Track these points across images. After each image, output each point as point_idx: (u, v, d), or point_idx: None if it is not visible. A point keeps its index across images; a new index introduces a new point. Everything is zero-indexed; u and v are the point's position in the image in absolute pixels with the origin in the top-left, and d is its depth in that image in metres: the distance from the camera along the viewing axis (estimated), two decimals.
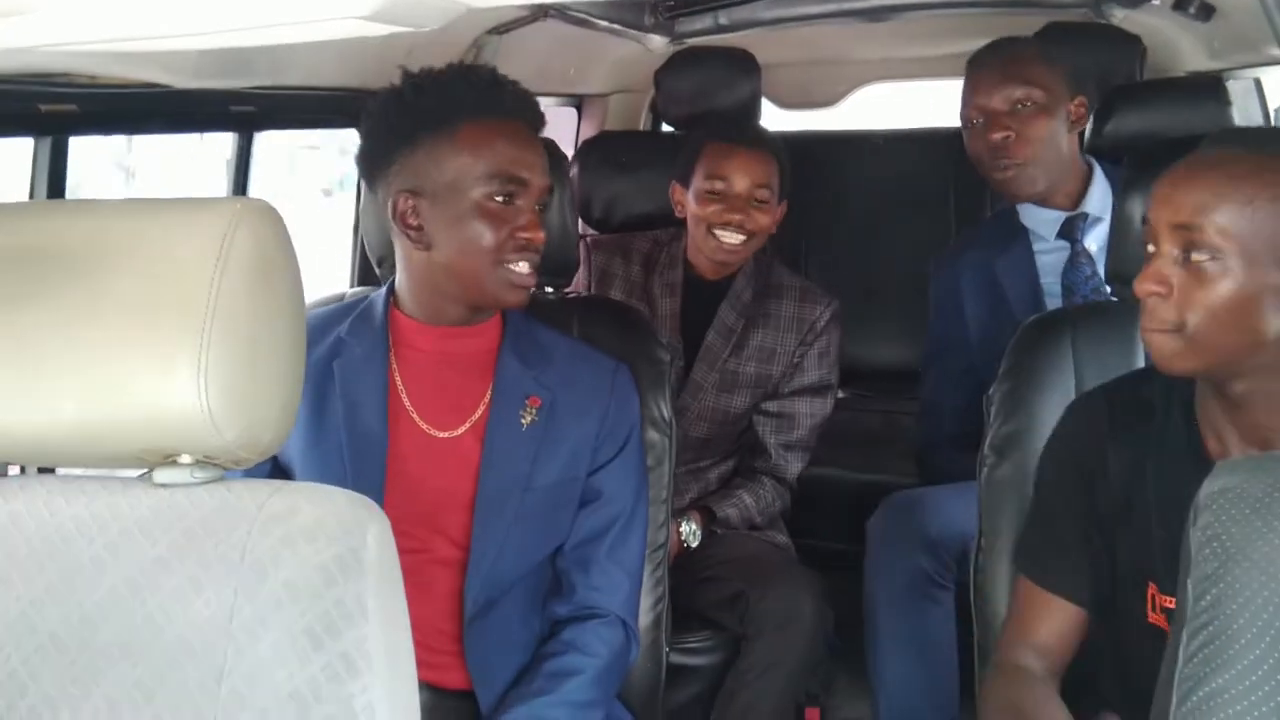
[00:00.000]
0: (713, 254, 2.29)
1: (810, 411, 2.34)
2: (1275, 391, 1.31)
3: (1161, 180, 1.33)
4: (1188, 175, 1.30)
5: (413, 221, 1.53)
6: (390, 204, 1.54)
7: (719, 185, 2.25)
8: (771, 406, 2.34)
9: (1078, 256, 2.19)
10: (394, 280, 1.65)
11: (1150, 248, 1.33)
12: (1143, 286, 1.31)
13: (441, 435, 1.59)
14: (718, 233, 2.25)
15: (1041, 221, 2.22)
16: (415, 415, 1.59)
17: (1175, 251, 1.29)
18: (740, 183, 2.24)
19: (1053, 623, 1.46)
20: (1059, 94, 2.18)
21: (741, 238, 2.25)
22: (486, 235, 1.51)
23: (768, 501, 2.32)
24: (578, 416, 1.60)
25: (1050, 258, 2.23)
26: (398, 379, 1.60)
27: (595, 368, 1.65)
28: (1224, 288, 1.26)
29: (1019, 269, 2.23)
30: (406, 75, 1.57)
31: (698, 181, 2.27)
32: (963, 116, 2.24)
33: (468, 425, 1.59)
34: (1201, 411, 1.39)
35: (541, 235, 1.54)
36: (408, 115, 1.53)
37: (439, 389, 1.60)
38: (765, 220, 2.26)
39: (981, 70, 2.22)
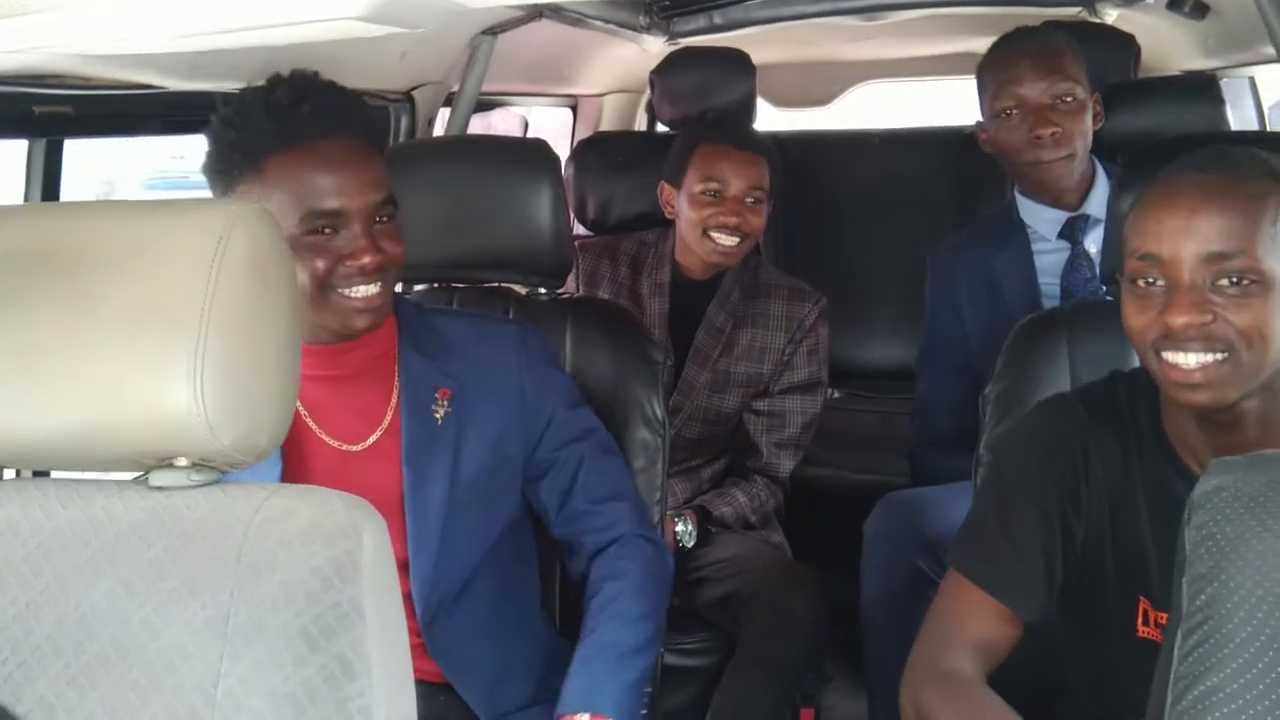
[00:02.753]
0: (708, 256, 2.30)
1: (801, 409, 2.34)
2: (1267, 409, 1.30)
3: (1166, 211, 1.28)
4: (1207, 202, 1.26)
5: None
6: None
7: (714, 187, 2.26)
8: (762, 405, 2.34)
9: (1078, 258, 2.18)
10: None
11: (1156, 281, 1.29)
12: (1183, 319, 1.25)
13: (356, 448, 1.55)
14: (714, 235, 2.26)
15: (1043, 220, 2.21)
16: (323, 435, 1.55)
17: (1203, 280, 1.26)
18: (736, 185, 2.25)
19: (992, 629, 1.39)
20: (1087, 89, 2.16)
21: (737, 239, 2.26)
22: (309, 270, 1.43)
23: (762, 500, 2.32)
24: (491, 399, 1.57)
25: (1050, 258, 2.21)
26: (299, 404, 1.53)
27: (498, 344, 1.60)
28: (1266, 308, 1.25)
29: (1018, 268, 2.22)
30: (219, 108, 1.47)
31: (692, 184, 2.28)
32: (993, 107, 2.19)
33: (380, 431, 1.55)
34: (1171, 426, 1.38)
35: (371, 259, 1.44)
36: (221, 155, 1.45)
37: (343, 403, 1.55)
38: (759, 222, 2.28)
39: (1019, 59, 2.16)
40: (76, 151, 1.79)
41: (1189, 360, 1.27)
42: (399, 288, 1.98)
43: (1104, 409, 1.41)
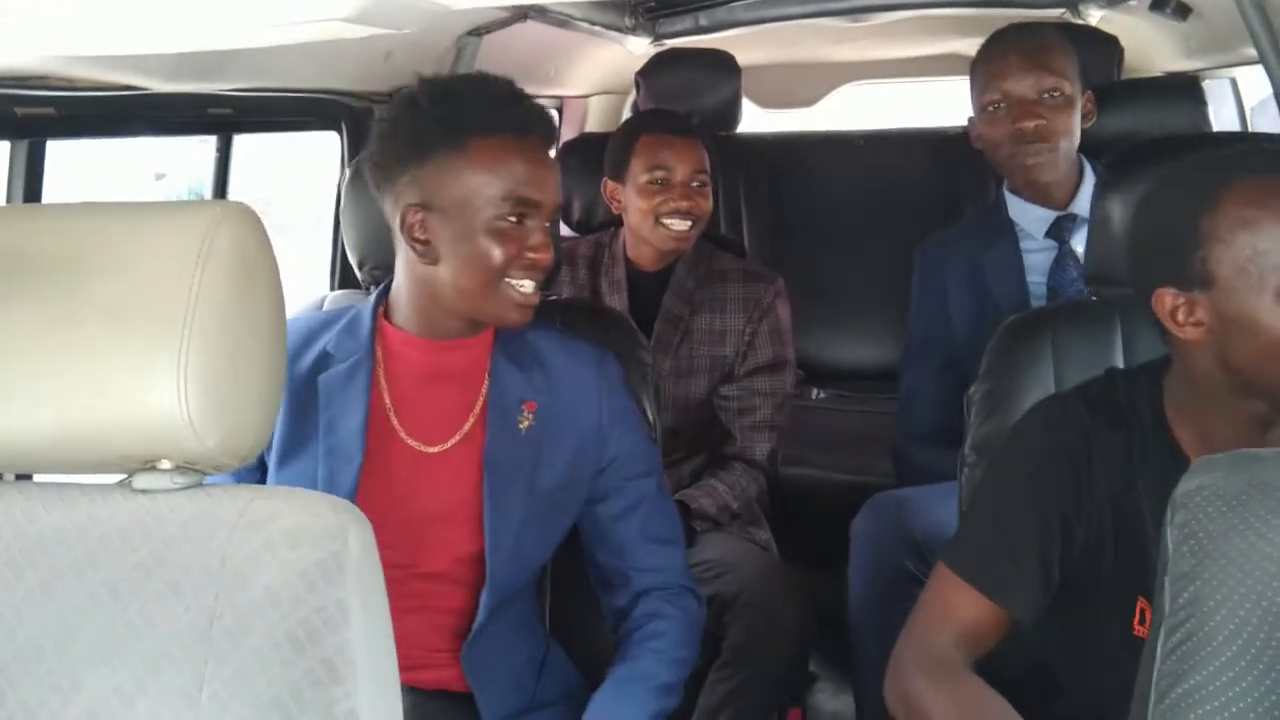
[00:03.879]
0: (663, 244, 2.32)
1: (770, 390, 2.35)
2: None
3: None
4: None
5: (420, 235, 1.50)
6: (399, 216, 1.51)
7: (660, 175, 2.29)
8: (731, 390, 2.35)
9: (1065, 258, 2.18)
10: (383, 290, 1.62)
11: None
12: None
13: (431, 450, 1.57)
14: (666, 221, 2.29)
15: (1031, 219, 2.21)
16: (403, 433, 1.56)
17: None
18: (681, 170, 2.29)
19: (981, 625, 1.40)
20: (1078, 87, 2.17)
21: (689, 223, 2.29)
22: (495, 254, 1.48)
23: (743, 486, 2.31)
24: (572, 417, 1.59)
25: (1037, 257, 2.22)
26: (385, 396, 1.57)
27: (580, 363, 1.63)
28: None
29: (1006, 266, 2.22)
30: (422, 82, 1.53)
31: (637, 175, 2.31)
32: (981, 101, 2.20)
33: (458, 437, 1.57)
34: (1177, 419, 1.37)
35: (549, 256, 1.51)
36: (420, 126, 1.49)
37: (428, 402, 1.57)
38: (707, 204, 2.32)
39: (1006, 54, 2.17)
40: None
41: None
42: None
43: (1105, 407, 1.40)
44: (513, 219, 1.49)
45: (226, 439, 0.92)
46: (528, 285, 1.51)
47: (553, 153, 1.65)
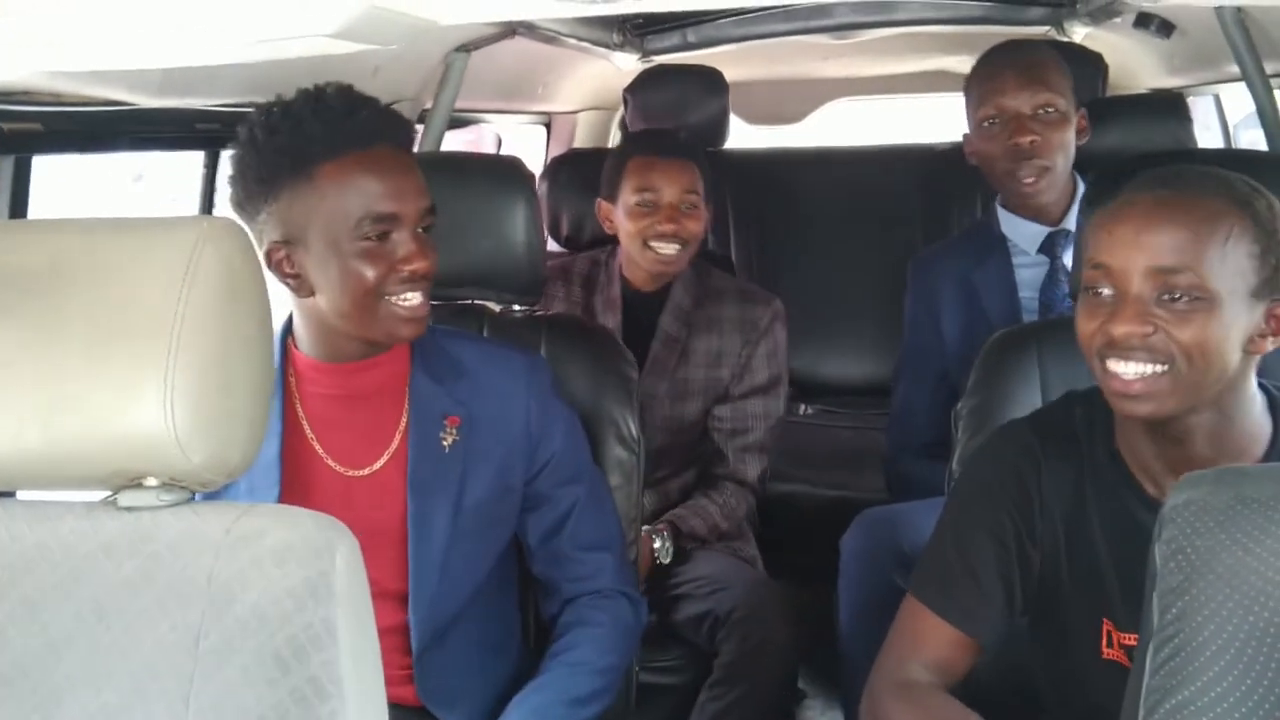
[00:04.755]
0: (651, 266, 2.31)
1: (764, 412, 2.35)
2: (1216, 425, 1.31)
3: (1118, 222, 1.30)
4: (1158, 216, 1.27)
5: (289, 270, 1.46)
6: (264, 254, 1.46)
7: (648, 197, 2.28)
8: (724, 411, 2.35)
9: (1057, 273, 2.18)
10: (288, 319, 1.58)
11: (1105, 291, 1.30)
12: (1124, 329, 1.27)
13: (359, 473, 1.53)
14: (654, 245, 2.28)
15: (1023, 235, 2.22)
16: (327, 458, 1.53)
17: (1149, 293, 1.27)
18: (669, 192, 2.27)
19: (949, 651, 1.41)
20: (1072, 103, 2.17)
21: (677, 247, 2.28)
22: (367, 275, 1.43)
23: (732, 506, 2.31)
24: (499, 427, 1.56)
25: (1029, 272, 2.22)
26: (304, 424, 1.54)
27: (507, 371, 1.59)
28: (1210, 326, 1.25)
29: (998, 281, 2.22)
30: (258, 113, 1.47)
31: (626, 197, 2.30)
32: (976, 116, 2.20)
33: (385, 457, 1.54)
34: (1125, 444, 1.38)
35: (426, 263, 1.45)
36: (265, 162, 1.44)
37: (349, 426, 1.54)
38: (696, 227, 2.30)
39: (1002, 70, 2.17)
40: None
41: (1129, 370, 1.28)
42: None
43: (1056, 433, 1.42)
44: (374, 237, 1.44)
45: (213, 456, 0.92)
46: (412, 297, 1.47)
47: (421, 146, 1.58)
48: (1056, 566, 1.41)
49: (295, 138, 1.43)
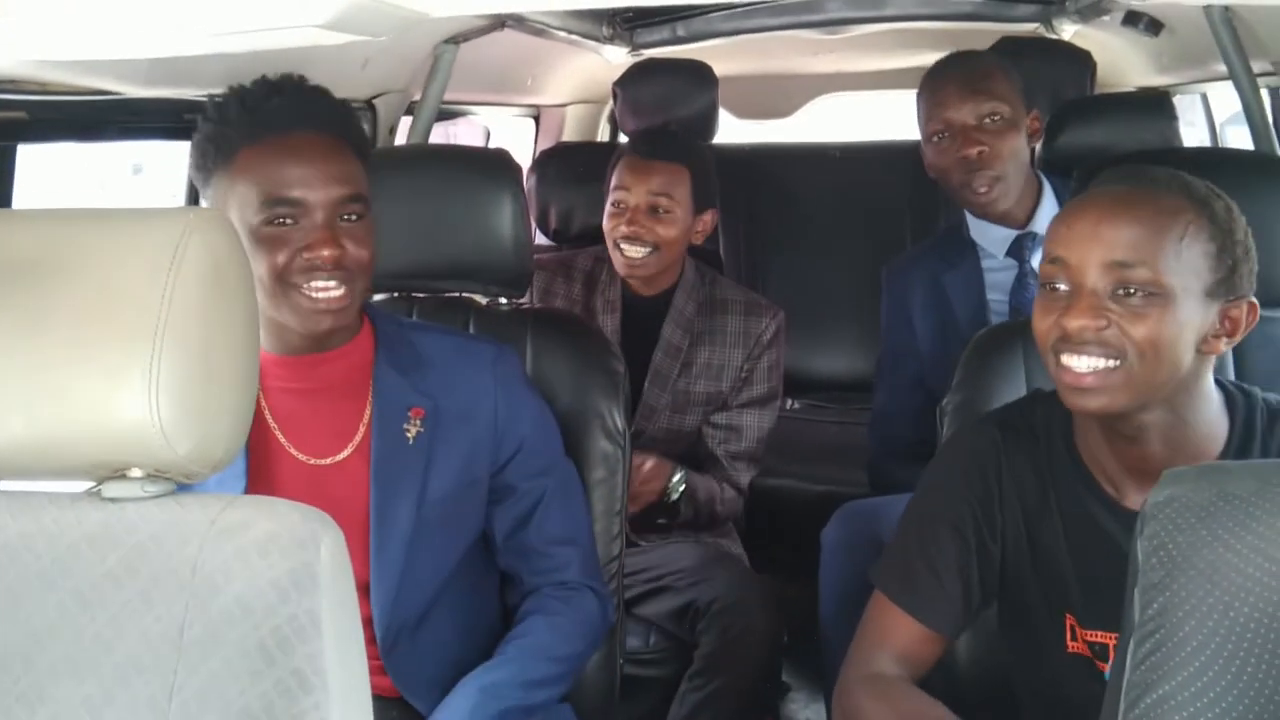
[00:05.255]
0: (620, 269, 2.29)
1: (758, 424, 2.35)
2: (1170, 424, 1.32)
3: (1076, 217, 1.30)
4: (1115, 212, 1.28)
5: None
6: None
7: (619, 198, 2.26)
8: (721, 419, 2.35)
9: (1025, 276, 2.20)
10: None
11: (1061, 286, 1.30)
12: (1078, 322, 1.27)
13: (323, 463, 1.52)
14: (622, 246, 2.25)
15: (991, 239, 2.23)
16: (291, 448, 1.52)
17: (1105, 287, 1.28)
18: (636, 194, 2.24)
19: (914, 644, 1.43)
20: (1020, 108, 2.18)
21: (644, 250, 2.24)
22: (264, 263, 1.42)
23: (728, 498, 2.32)
24: (465, 419, 1.55)
25: (999, 275, 2.24)
26: (267, 415, 1.53)
27: (474, 362, 1.58)
28: (1163, 322, 1.26)
29: (967, 285, 2.24)
30: (206, 105, 1.48)
31: (610, 196, 2.29)
32: (926, 131, 2.22)
33: (351, 448, 1.53)
34: (1084, 444, 1.39)
35: (331, 251, 1.42)
36: (200, 151, 1.47)
37: (313, 416, 1.53)
38: (668, 232, 2.24)
39: (945, 84, 2.19)
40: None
41: (1081, 364, 1.28)
42: None
43: (1018, 429, 1.43)
44: (276, 223, 1.42)
45: (198, 447, 0.91)
46: (320, 287, 1.44)
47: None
48: (1019, 560, 1.42)
49: (221, 125, 1.45)
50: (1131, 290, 1.26)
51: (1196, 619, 0.89)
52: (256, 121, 1.44)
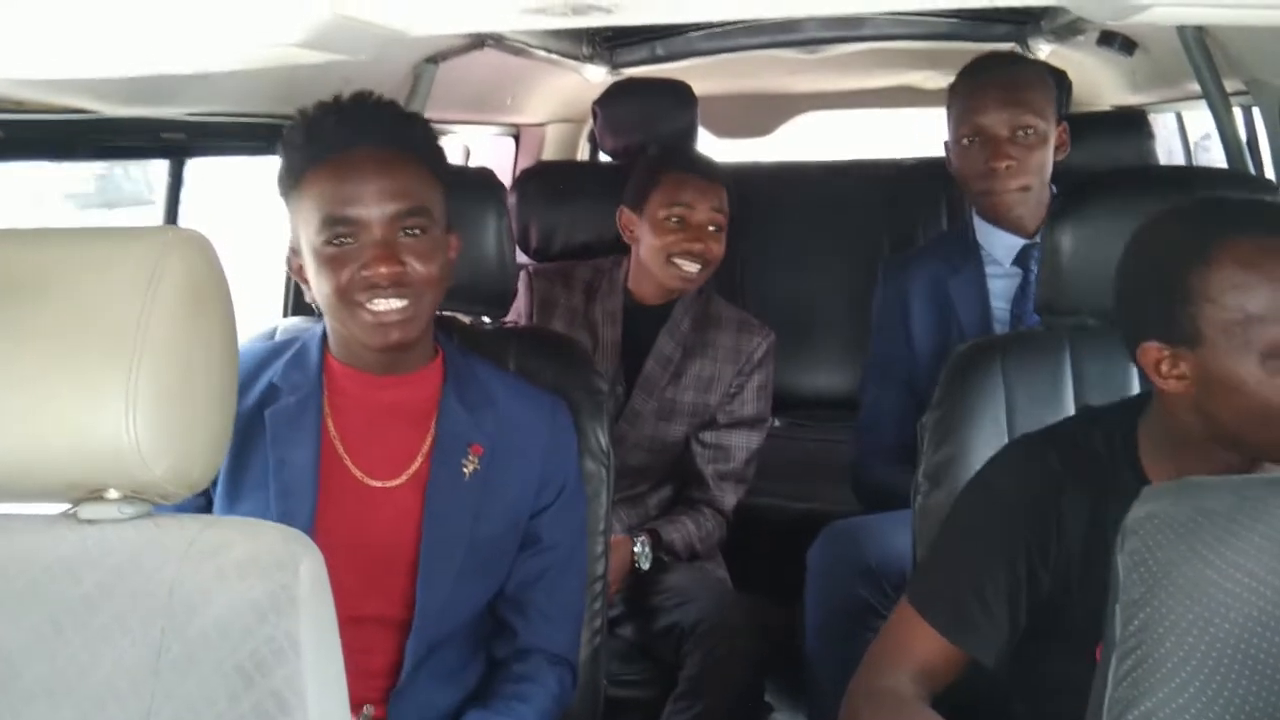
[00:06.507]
0: (670, 281, 2.31)
1: (746, 445, 2.36)
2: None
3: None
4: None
5: (302, 277, 1.50)
6: (287, 263, 1.53)
7: (679, 213, 2.27)
8: (709, 437, 2.35)
9: (1029, 286, 2.17)
10: (324, 327, 1.59)
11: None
12: None
13: (379, 485, 1.53)
14: (678, 262, 2.27)
15: (999, 245, 2.21)
16: (351, 465, 1.53)
17: None
18: (701, 213, 2.28)
19: (938, 664, 1.40)
20: (1052, 121, 2.16)
21: (699, 266, 2.28)
22: (327, 284, 1.44)
23: (709, 530, 2.32)
24: (518, 461, 1.56)
25: (1002, 282, 2.22)
26: (331, 428, 1.54)
27: (534, 406, 1.60)
28: None
29: (971, 291, 2.22)
30: (284, 132, 1.52)
31: (655, 210, 2.29)
32: (955, 132, 2.19)
33: (406, 476, 1.53)
34: (1152, 462, 1.36)
35: (387, 269, 1.43)
36: (278, 180, 1.50)
37: (377, 438, 1.54)
38: (720, 250, 2.30)
39: (983, 88, 2.16)
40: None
41: None
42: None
43: (1077, 455, 1.39)
44: (335, 242, 1.44)
45: (176, 467, 0.91)
46: (380, 305, 1.45)
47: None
48: (1068, 590, 1.38)
49: (289, 149, 1.48)
50: None
51: (1177, 635, 0.89)
52: (315, 142, 1.46)
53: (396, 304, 1.45)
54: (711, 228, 2.28)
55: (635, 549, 2.20)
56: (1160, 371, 1.31)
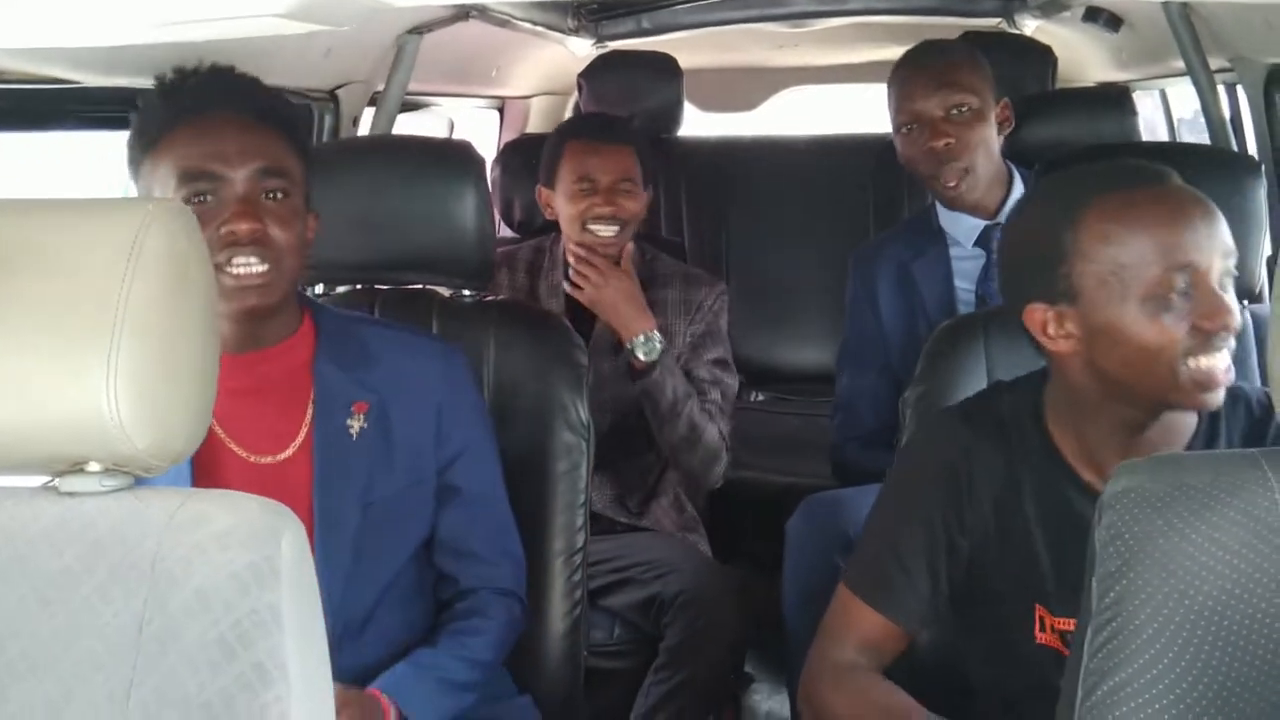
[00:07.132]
0: (591, 248, 2.31)
1: (717, 379, 2.32)
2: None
3: (1185, 227, 1.29)
4: (1207, 209, 1.30)
5: None
6: None
7: (587, 179, 2.28)
8: (694, 374, 2.34)
9: (992, 266, 2.20)
10: None
11: (1180, 292, 1.28)
12: (1219, 321, 1.27)
13: (267, 461, 1.49)
14: (593, 227, 2.27)
15: (960, 228, 2.24)
16: (234, 445, 1.49)
17: (1223, 282, 1.30)
18: (608, 174, 2.27)
19: (878, 638, 1.45)
20: (989, 98, 2.18)
21: (615, 228, 2.28)
22: None
23: (707, 423, 2.25)
24: (411, 414, 1.53)
25: (967, 264, 2.25)
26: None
27: (424, 356, 1.57)
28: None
29: (935, 273, 2.24)
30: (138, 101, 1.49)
31: (566, 181, 2.30)
32: (895, 122, 2.22)
33: (294, 448, 1.50)
34: (1071, 431, 1.40)
35: (247, 225, 1.39)
36: (130, 145, 1.47)
37: (253, 415, 1.49)
38: (634, 206, 2.29)
39: (915, 75, 2.19)
40: None
41: (1221, 360, 1.29)
42: (319, 289, 1.96)
43: (986, 422, 1.44)
44: (197, 200, 1.40)
45: (157, 440, 0.90)
46: (241, 266, 1.41)
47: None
48: (985, 554, 1.43)
49: (144, 114, 1.45)
50: (1234, 277, 1.31)
51: (1152, 607, 0.91)
52: (172, 106, 1.43)
53: (257, 268, 1.42)
54: (623, 186, 2.28)
55: (639, 339, 2.20)
56: (1048, 333, 1.36)
